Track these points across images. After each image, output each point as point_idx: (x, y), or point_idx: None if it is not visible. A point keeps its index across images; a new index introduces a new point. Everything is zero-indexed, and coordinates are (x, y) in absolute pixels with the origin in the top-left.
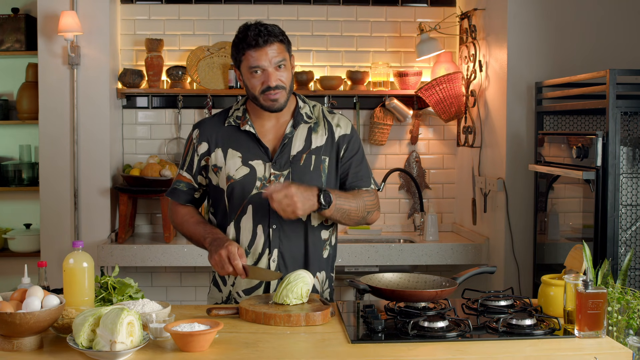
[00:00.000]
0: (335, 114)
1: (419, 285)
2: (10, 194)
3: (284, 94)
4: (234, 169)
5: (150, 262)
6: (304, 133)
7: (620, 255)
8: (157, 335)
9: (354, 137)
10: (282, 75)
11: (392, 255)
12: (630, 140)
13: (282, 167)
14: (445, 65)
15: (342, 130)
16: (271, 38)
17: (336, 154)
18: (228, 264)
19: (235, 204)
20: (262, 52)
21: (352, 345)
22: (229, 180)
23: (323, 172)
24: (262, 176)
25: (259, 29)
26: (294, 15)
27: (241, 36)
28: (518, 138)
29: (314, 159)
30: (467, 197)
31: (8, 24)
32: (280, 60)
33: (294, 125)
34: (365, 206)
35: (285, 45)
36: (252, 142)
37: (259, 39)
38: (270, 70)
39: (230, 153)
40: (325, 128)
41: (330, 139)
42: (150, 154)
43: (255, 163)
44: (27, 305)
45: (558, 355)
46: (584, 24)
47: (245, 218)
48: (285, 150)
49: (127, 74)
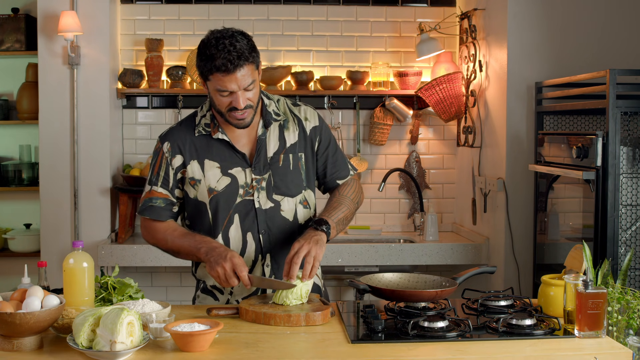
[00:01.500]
0: (300, 106)
1: (419, 285)
2: (10, 194)
3: (251, 112)
4: (214, 181)
5: (150, 262)
6: (276, 132)
7: (620, 255)
8: (157, 335)
9: (323, 126)
10: (250, 95)
11: (392, 255)
12: (630, 140)
13: (262, 171)
14: (445, 65)
15: (311, 122)
16: (240, 61)
17: (311, 148)
18: (233, 277)
19: (221, 215)
20: (231, 77)
21: (352, 345)
22: (211, 192)
23: (302, 169)
24: (244, 183)
25: (228, 50)
26: (294, 15)
27: (209, 53)
28: (518, 138)
29: (292, 158)
30: (467, 197)
31: (8, 24)
32: (249, 82)
33: (265, 125)
34: (352, 202)
35: (254, 63)
36: (227, 149)
37: (228, 64)
38: (239, 93)
39: (207, 164)
40: (295, 123)
41: (302, 134)
42: (150, 154)
43: (235, 171)
44: (27, 305)
45: (558, 355)
46: (584, 24)
47: (234, 228)
48: (261, 153)
49: (127, 74)
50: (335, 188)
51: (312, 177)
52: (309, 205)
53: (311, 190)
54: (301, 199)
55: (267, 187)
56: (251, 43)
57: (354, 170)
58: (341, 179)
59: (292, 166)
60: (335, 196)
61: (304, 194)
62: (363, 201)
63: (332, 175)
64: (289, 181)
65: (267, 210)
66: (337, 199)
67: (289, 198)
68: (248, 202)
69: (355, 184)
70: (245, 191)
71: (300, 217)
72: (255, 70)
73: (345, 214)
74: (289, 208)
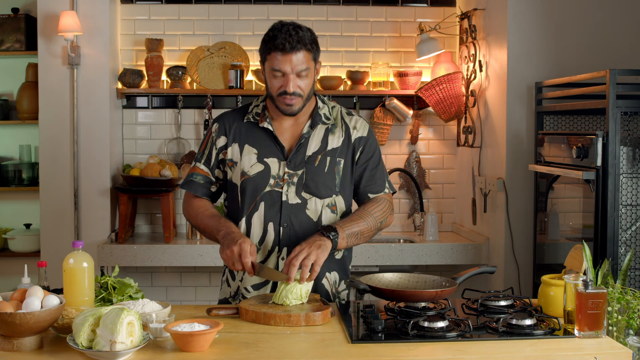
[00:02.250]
0: (354, 116)
1: (419, 285)
2: (10, 194)
3: (300, 101)
4: (248, 165)
5: (150, 262)
6: (321, 134)
7: (620, 255)
8: (157, 335)
9: (370, 139)
10: (301, 83)
11: (392, 255)
12: (630, 140)
13: (297, 167)
14: (445, 65)
15: (359, 132)
16: (299, 45)
17: (352, 156)
18: (238, 262)
19: (247, 200)
20: (287, 57)
21: (352, 345)
22: (243, 176)
23: (337, 174)
24: (276, 174)
25: (290, 34)
26: (294, 16)
27: (272, 34)
28: (518, 138)
29: (329, 161)
30: (467, 197)
31: (8, 24)
32: (303, 69)
33: (312, 125)
34: (375, 220)
35: (312, 53)
36: (269, 139)
37: (287, 44)
38: (291, 77)
39: (246, 149)
40: (343, 130)
41: (347, 141)
42: (150, 154)
43: (270, 161)
44: (27, 305)
45: (558, 355)
46: (584, 24)
47: (257, 215)
48: (301, 150)
49: (127, 74)
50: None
51: (349, 184)
52: (337, 210)
53: (344, 197)
54: (330, 203)
55: (297, 183)
56: (314, 37)
57: (392, 190)
58: (373, 193)
59: (327, 169)
60: (358, 210)
61: (334, 198)
62: (390, 223)
63: (365, 187)
64: (320, 182)
65: (293, 206)
66: (359, 212)
67: (317, 199)
68: (276, 194)
69: (385, 203)
70: (275, 182)
71: (324, 220)
72: (311, 60)
73: (361, 229)
74: (314, 208)
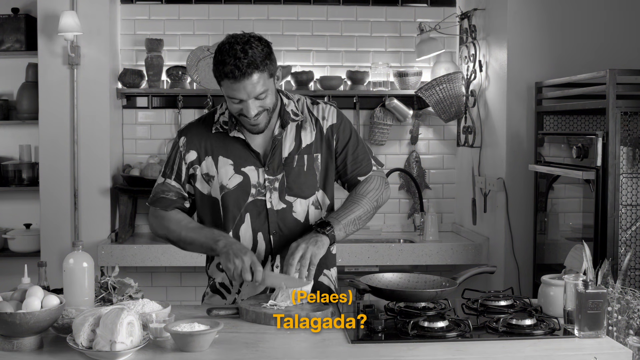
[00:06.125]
0: (319, 104)
1: (419, 285)
2: (10, 194)
3: (265, 116)
4: (226, 178)
5: (150, 262)
6: (293, 132)
7: (620, 255)
8: (157, 335)
9: (342, 124)
10: (262, 103)
11: (392, 255)
12: (630, 140)
13: (275, 171)
14: (445, 65)
15: (329, 121)
16: (249, 69)
17: (327, 147)
18: (249, 272)
19: (231, 213)
20: (239, 85)
21: (352, 345)
22: (222, 189)
23: (317, 171)
24: (256, 182)
25: (238, 57)
26: (294, 15)
27: (220, 58)
28: (518, 138)
29: (307, 159)
30: (467, 197)
31: (8, 24)
32: (261, 92)
33: (282, 125)
34: (369, 200)
35: (267, 71)
36: (242, 147)
37: (236, 70)
38: (249, 102)
39: (221, 161)
40: (312, 123)
41: (319, 134)
42: (150, 154)
43: (247, 169)
44: (27, 305)
45: (558, 355)
46: (584, 23)
47: (244, 227)
48: (276, 153)
49: (127, 74)
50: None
51: (331, 177)
52: (321, 205)
53: (326, 191)
54: (313, 200)
55: (279, 188)
56: (266, 50)
57: (379, 165)
58: (362, 176)
59: (306, 167)
60: (350, 195)
61: (316, 195)
62: (389, 196)
63: (352, 172)
64: (302, 182)
65: (279, 211)
66: (351, 198)
67: (302, 199)
68: (260, 202)
69: (377, 180)
70: (257, 191)
71: (311, 219)
72: (268, 79)
73: (358, 214)
74: (301, 209)
